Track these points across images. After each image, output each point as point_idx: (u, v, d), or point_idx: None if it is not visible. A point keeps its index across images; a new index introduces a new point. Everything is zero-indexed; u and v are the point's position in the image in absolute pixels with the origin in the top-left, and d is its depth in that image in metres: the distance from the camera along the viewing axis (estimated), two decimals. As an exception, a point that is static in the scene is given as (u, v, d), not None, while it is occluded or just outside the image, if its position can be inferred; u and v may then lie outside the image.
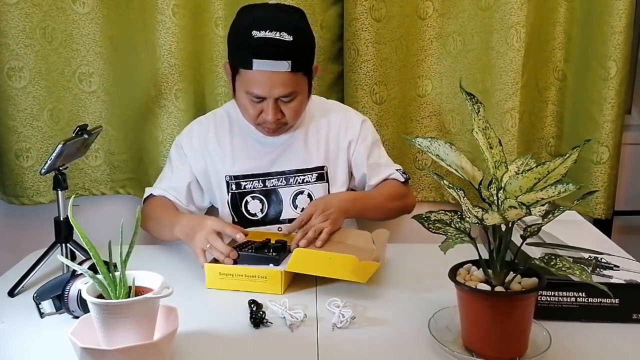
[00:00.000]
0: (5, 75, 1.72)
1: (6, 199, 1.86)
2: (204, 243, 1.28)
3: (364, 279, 1.19)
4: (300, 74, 1.40)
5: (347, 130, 1.57)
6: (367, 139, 1.59)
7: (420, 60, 1.90)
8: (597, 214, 1.91)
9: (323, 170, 1.54)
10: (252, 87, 1.39)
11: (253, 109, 1.43)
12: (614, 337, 1.04)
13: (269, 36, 1.33)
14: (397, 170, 1.61)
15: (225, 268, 1.24)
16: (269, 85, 1.37)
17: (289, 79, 1.38)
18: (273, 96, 1.39)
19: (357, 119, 1.60)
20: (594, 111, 1.85)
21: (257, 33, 1.34)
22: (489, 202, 0.90)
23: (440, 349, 0.97)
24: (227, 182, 1.53)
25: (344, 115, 1.60)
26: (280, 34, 1.33)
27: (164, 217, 1.45)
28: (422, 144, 0.93)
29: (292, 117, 1.45)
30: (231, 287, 1.23)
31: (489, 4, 1.81)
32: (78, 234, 0.94)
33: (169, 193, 1.53)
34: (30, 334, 1.07)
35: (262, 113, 1.42)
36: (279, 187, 1.53)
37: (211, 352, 1.01)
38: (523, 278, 0.95)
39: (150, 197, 1.55)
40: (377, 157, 1.61)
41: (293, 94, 1.41)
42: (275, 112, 1.41)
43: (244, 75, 1.39)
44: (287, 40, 1.34)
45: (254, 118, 1.45)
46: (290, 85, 1.39)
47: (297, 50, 1.36)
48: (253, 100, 1.41)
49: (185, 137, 1.58)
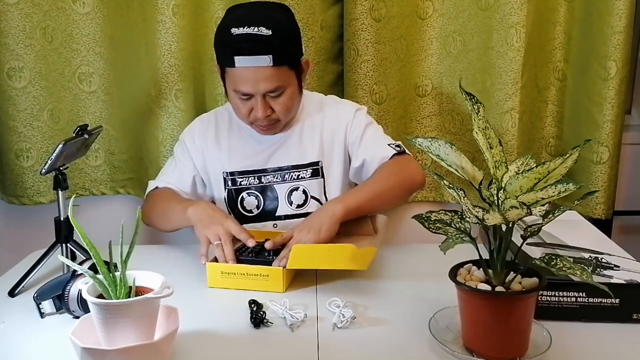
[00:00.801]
0: (5, 75, 1.72)
1: (6, 199, 1.86)
2: (215, 237, 1.28)
3: (363, 266, 1.19)
4: (284, 67, 1.38)
5: (341, 121, 1.55)
6: (360, 124, 1.54)
7: (420, 60, 1.90)
8: (597, 214, 1.91)
9: (318, 165, 1.53)
10: (238, 84, 1.39)
11: (244, 107, 1.43)
12: (614, 337, 1.04)
13: (246, 32, 1.33)
14: (389, 145, 1.50)
15: (227, 267, 1.24)
16: (253, 82, 1.37)
17: (273, 73, 1.37)
18: (259, 92, 1.39)
19: (350, 108, 1.57)
20: (594, 111, 1.85)
21: (236, 30, 1.34)
22: (489, 202, 0.90)
23: (440, 348, 0.97)
24: (224, 178, 1.54)
25: (336, 107, 1.58)
26: (258, 29, 1.33)
27: (172, 203, 1.45)
28: (422, 144, 0.93)
29: (282, 112, 1.44)
30: (233, 286, 1.23)
31: (489, 4, 1.81)
32: (78, 234, 0.94)
33: (173, 185, 1.54)
34: (30, 334, 1.07)
35: (253, 111, 1.42)
36: (274, 183, 1.53)
37: (211, 352, 1.01)
38: (523, 278, 0.95)
39: (154, 190, 1.56)
40: (373, 138, 1.53)
41: (280, 88, 1.40)
42: (264, 108, 1.41)
43: (230, 74, 1.40)
44: (266, 35, 1.33)
45: (246, 117, 1.45)
46: (275, 80, 1.38)
47: (277, 43, 1.35)
48: (242, 99, 1.42)
49: (188, 134, 1.60)
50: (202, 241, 1.30)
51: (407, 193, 1.45)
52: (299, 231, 1.29)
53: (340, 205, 1.32)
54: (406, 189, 1.44)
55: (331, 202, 1.36)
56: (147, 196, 1.57)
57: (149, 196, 1.56)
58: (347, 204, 1.33)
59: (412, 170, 1.45)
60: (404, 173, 1.44)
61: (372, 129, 1.55)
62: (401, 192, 1.43)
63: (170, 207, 1.45)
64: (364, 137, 1.52)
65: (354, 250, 1.18)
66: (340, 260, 1.20)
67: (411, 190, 1.45)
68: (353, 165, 1.54)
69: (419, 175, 1.46)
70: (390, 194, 1.41)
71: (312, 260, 1.21)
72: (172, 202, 1.46)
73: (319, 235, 1.27)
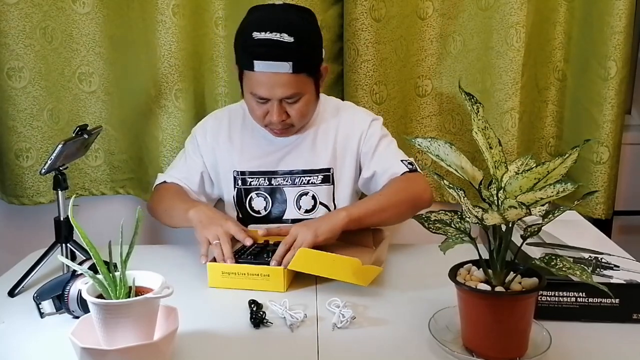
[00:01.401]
0: (5, 75, 1.72)
1: (6, 199, 1.86)
2: (214, 237, 1.29)
3: (365, 282, 1.19)
4: (303, 74, 1.38)
5: (355, 130, 1.54)
6: (375, 135, 1.53)
7: (420, 60, 1.90)
8: (597, 214, 1.91)
9: (329, 172, 1.53)
10: (255, 88, 1.39)
11: (259, 110, 1.43)
12: (614, 337, 1.04)
13: (268, 37, 1.32)
14: (402, 161, 1.50)
15: (227, 267, 1.24)
16: (270, 87, 1.37)
17: (292, 80, 1.37)
18: (276, 97, 1.39)
19: (366, 117, 1.56)
20: (594, 111, 1.85)
21: (258, 34, 1.33)
22: (489, 202, 0.90)
23: (440, 349, 0.97)
24: (234, 177, 1.54)
25: (353, 115, 1.57)
26: (280, 35, 1.32)
27: (176, 202, 1.45)
28: (422, 144, 0.93)
29: (297, 118, 1.44)
30: (234, 286, 1.23)
31: (489, 4, 1.81)
32: (78, 234, 0.94)
33: (181, 181, 1.54)
34: (30, 334, 1.07)
35: (268, 114, 1.42)
36: (284, 186, 1.53)
37: (211, 352, 1.01)
38: (523, 278, 0.95)
39: (162, 183, 1.56)
40: (386, 152, 1.53)
41: (297, 95, 1.40)
42: (279, 113, 1.41)
43: (248, 77, 1.40)
44: (287, 42, 1.32)
45: (260, 119, 1.45)
46: (293, 87, 1.38)
47: (298, 51, 1.35)
48: (258, 102, 1.41)
49: (200, 130, 1.59)
50: (202, 242, 1.30)
51: (413, 211, 1.39)
52: (298, 226, 1.29)
53: (345, 214, 1.32)
54: (412, 207, 1.41)
55: (336, 210, 1.38)
56: (154, 189, 1.57)
57: (156, 190, 1.56)
58: (351, 214, 1.33)
59: (421, 189, 1.45)
60: (412, 190, 1.44)
61: (386, 142, 1.54)
62: (407, 209, 1.41)
63: (174, 206, 1.45)
64: (377, 149, 1.52)
65: (359, 265, 1.17)
66: (343, 273, 1.19)
67: (417, 208, 1.42)
68: (363, 176, 1.54)
69: (426, 194, 1.46)
70: (396, 209, 1.41)
71: (315, 266, 1.21)
72: (176, 201, 1.46)
73: (315, 236, 1.26)
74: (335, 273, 1.21)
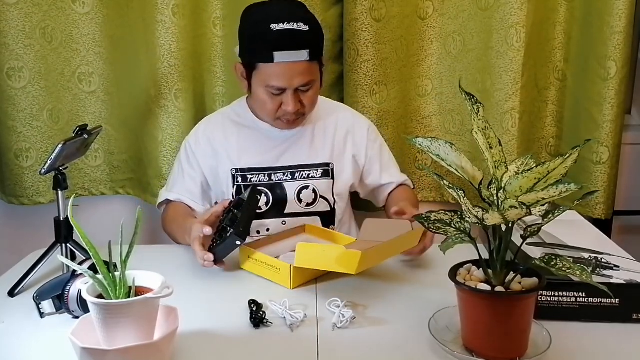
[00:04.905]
0: (5, 75, 1.72)
1: (6, 199, 1.86)
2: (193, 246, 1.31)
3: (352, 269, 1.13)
4: (315, 62, 1.44)
5: (355, 128, 1.61)
6: (377, 141, 1.64)
7: (420, 60, 1.91)
8: (597, 214, 1.91)
9: (329, 167, 1.56)
10: (273, 80, 1.41)
11: (272, 102, 1.45)
12: (614, 337, 1.04)
13: (287, 27, 1.37)
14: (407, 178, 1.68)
15: (251, 252, 1.29)
16: (289, 76, 1.40)
17: (307, 67, 1.42)
18: (293, 86, 1.42)
19: (363, 120, 1.66)
20: (594, 111, 1.85)
21: (276, 26, 1.37)
22: (489, 202, 0.90)
23: (440, 348, 0.97)
24: (232, 175, 1.54)
25: (351, 114, 1.65)
26: (297, 25, 1.38)
27: (179, 225, 1.47)
28: (422, 144, 0.93)
29: (310, 106, 1.49)
30: (256, 272, 1.29)
31: (489, 4, 1.81)
32: (78, 234, 0.94)
33: (184, 197, 1.56)
34: (30, 334, 1.07)
35: (282, 105, 1.45)
36: (284, 181, 1.54)
37: (211, 352, 1.01)
38: (523, 278, 0.95)
39: (167, 203, 1.59)
40: (388, 158, 1.66)
41: (311, 82, 1.44)
42: (295, 102, 1.44)
43: (263, 70, 1.41)
44: (304, 30, 1.38)
45: (273, 112, 1.47)
46: (309, 74, 1.43)
47: (313, 39, 1.42)
48: (273, 94, 1.44)
49: (192, 138, 1.60)
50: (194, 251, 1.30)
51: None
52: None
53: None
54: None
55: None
56: (163, 209, 1.60)
57: (166, 210, 1.59)
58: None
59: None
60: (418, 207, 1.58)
61: (386, 149, 1.67)
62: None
63: (176, 229, 1.48)
64: (382, 159, 1.64)
65: (341, 251, 1.15)
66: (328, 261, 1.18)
67: None
68: (369, 180, 1.63)
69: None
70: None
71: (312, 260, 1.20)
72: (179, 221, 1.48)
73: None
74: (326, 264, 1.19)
